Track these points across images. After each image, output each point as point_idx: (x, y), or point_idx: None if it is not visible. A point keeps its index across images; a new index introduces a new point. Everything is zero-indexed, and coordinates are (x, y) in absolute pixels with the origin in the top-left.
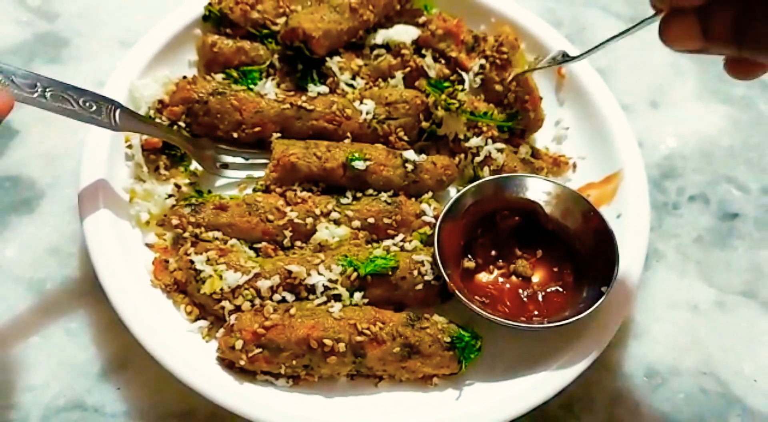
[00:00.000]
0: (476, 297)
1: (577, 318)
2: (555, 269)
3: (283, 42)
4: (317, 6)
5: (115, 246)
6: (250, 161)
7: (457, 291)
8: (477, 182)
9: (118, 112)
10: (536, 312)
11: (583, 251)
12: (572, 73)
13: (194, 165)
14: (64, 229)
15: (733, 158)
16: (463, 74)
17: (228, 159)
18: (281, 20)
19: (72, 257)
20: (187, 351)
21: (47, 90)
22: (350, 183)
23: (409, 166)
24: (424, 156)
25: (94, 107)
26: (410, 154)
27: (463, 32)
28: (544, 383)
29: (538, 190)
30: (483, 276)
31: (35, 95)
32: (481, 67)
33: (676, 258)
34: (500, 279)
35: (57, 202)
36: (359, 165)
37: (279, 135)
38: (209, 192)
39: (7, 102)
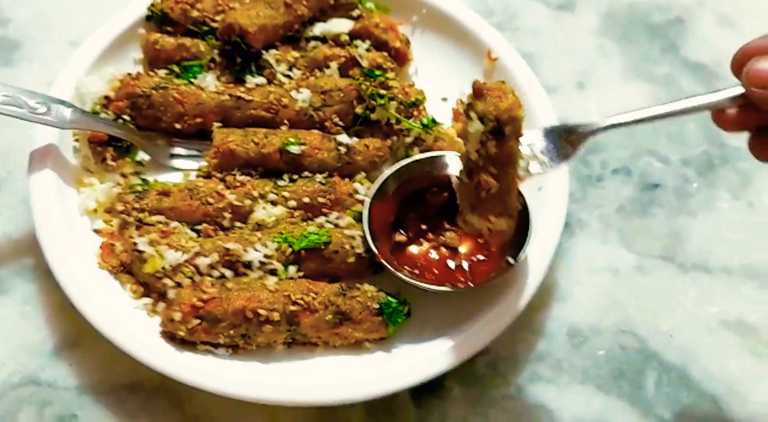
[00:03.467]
0: (407, 267)
1: (492, 281)
2: (480, 240)
3: (222, 37)
4: (253, 3)
5: (64, 233)
6: (202, 153)
7: (384, 262)
8: (401, 163)
9: (69, 111)
10: (462, 280)
11: None
12: (501, 59)
13: (140, 155)
14: (18, 221)
15: (655, 132)
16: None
17: (178, 150)
18: (220, 17)
19: (25, 246)
20: (133, 326)
21: None
22: (287, 166)
23: (342, 149)
24: (356, 139)
25: (45, 109)
26: (344, 138)
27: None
28: (468, 342)
29: (459, 166)
30: (414, 249)
31: None
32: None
33: (599, 226)
34: (430, 251)
35: (11, 195)
36: (294, 149)
37: (220, 124)
38: (155, 181)
39: None
